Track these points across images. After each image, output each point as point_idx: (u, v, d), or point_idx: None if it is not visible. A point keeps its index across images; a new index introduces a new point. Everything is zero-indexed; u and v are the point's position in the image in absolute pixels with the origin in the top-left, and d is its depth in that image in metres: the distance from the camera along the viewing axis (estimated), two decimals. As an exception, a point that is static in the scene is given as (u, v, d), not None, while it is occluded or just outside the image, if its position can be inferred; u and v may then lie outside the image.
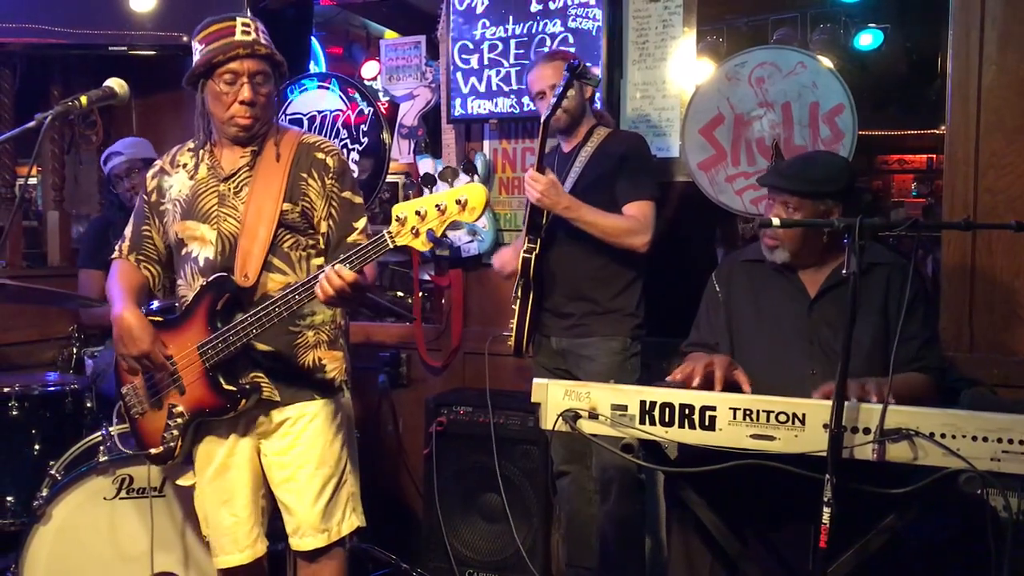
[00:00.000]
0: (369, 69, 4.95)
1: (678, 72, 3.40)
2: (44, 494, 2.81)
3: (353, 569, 2.80)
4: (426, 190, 3.63)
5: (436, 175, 3.72)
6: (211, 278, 2.33)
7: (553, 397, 2.13)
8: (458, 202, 2.04)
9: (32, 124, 2.02)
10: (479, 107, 3.62)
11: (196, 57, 2.35)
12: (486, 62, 3.58)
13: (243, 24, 2.31)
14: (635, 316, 2.98)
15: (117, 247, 2.54)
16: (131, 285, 2.46)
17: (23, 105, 4.35)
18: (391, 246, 2.09)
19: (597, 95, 3.14)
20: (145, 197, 2.51)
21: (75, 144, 4.53)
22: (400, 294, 5.32)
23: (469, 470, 3.41)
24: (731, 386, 2.19)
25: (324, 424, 2.41)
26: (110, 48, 3.99)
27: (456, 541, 3.40)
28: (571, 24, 3.42)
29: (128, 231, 2.54)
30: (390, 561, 3.38)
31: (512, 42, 3.52)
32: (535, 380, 2.19)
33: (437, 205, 2.05)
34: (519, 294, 2.96)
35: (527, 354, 3.04)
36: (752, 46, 3.38)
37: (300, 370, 2.39)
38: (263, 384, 2.35)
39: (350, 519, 2.48)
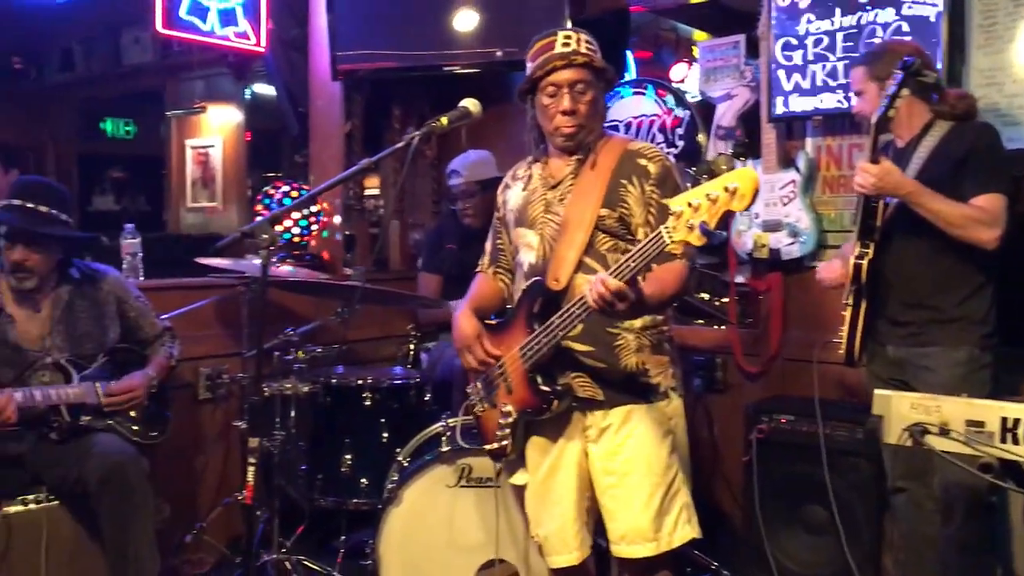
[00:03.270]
0: (678, 71, 4.94)
1: (1031, 54, 3.08)
2: (395, 478, 3.08)
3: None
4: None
5: (710, 164, 3.63)
6: (527, 283, 2.43)
7: (897, 409, 2.00)
8: (727, 189, 1.93)
9: (401, 144, 2.23)
10: (802, 104, 3.49)
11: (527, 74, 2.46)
12: (811, 57, 3.45)
13: (564, 37, 2.38)
14: (984, 324, 2.72)
15: (480, 262, 2.73)
16: (478, 294, 2.64)
17: (367, 125, 4.84)
18: (668, 243, 2.01)
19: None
20: (497, 212, 2.68)
21: (412, 159, 4.93)
22: (706, 296, 5.26)
23: (792, 480, 3.30)
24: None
25: (649, 430, 2.40)
26: (444, 68, 4.31)
27: (778, 552, 3.30)
28: (905, 12, 3.20)
29: (488, 245, 2.72)
30: (710, 567, 3.35)
31: (839, 35, 3.37)
32: (877, 391, 2.07)
33: (708, 195, 1.94)
34: (851, 300, 2.82)
35: (859, 363, 2.89)
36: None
37: (622, 373, 2.39)
38: (583, 384, 2.40)
39: (683, 529, 2.43)
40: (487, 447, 2.56)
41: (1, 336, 2.95)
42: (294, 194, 4.34)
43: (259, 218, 3.74)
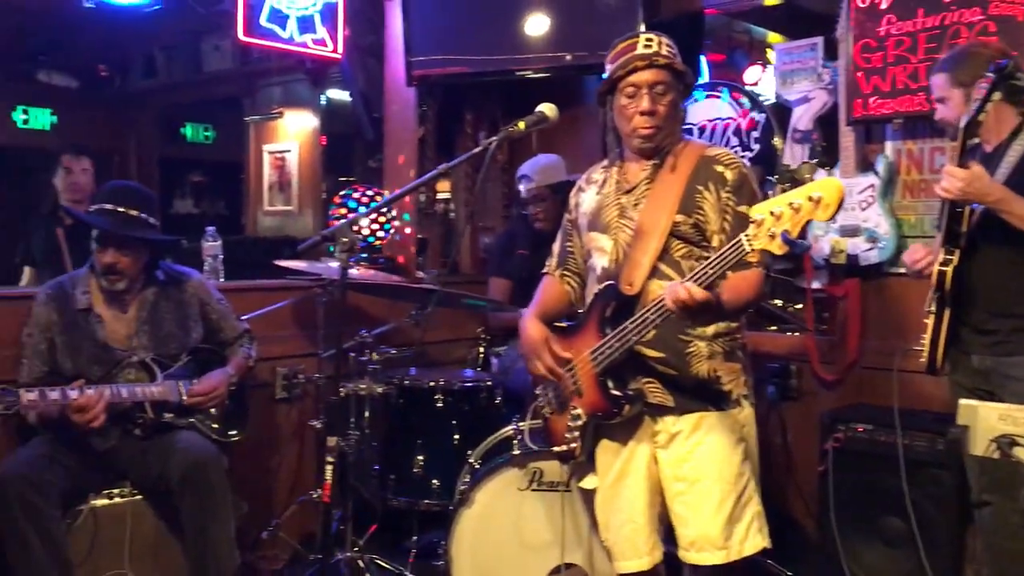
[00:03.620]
0: (752, 74, 4.89)
1: None
2: (467, 480, 3.11)
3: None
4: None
5: (792, 172, 3.58)
6: (601, 287, 2.43)
7: (985, 420, 1.97)
8: (811, 199, 1.91)
9: (478, 150, 2.25)
10: (882, 107, 3.42)
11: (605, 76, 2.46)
12: (891, 59, 3.38)
13: (646, 40, 2.38)
14: (1073, 333, 2.64)
15: (547, 263, 2.74)
16: (545, 298, 2.66)
17: (440, 130, 4.89)
18: (748, 251, 2.01)
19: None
20: (568, 215, 2.68)
21: (484, 163, 4.97)
22: (779, 303, 5.18)
23: (869, 490, 3.22)
24: None
25: (721, 437, 2.39)
26: (515, 73, 4.34)
27: (853, 563, 3.24)
28: (993, 11, 3.12)
29: (556, 247, 2.72)
30: (783, 576, 3.31)
31: (921, 36, 3.29)
32: (962, 401, 2.03)
33: (791, 203, 1.93)
34: (933, 308, 2.75)
35: (942, 372, 2.82)
36: None
37: (693, 380, 2.38)
38: (653, 389, 2.39)
39: (754, 539, 2.42)
40: (555, 449, 2.58)
41: (90, 335, 3.06)
42: (376, 198, 4.40)
43: (336, 222, 3.81)
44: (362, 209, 4.13)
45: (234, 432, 3.27)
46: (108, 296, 3.13)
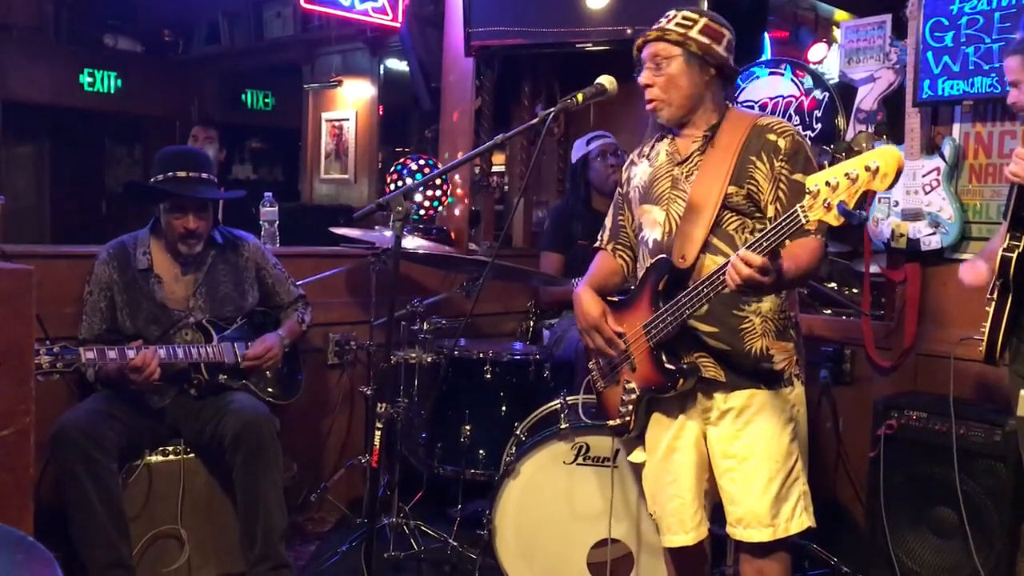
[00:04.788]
0: (817, 52, 4.77)
1: None
2: (513, 452, 3.13)
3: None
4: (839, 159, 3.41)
5: (849, 142, 3.50)
6: (654, 260, 2.42)
7: (1045, 412, 1.90)
8: (868, 168, 1.87)
9: (535, 121, 2.24)
10: (951, 88, 3.32)
11: None
12: (963, 39, 3.27)
13: (668, 15, 2.39)
14: None
15: (600, 236, 2.73)
16: (598, 270, 2.64)
17: (497, 101, 4.87)
18: (803, 222, 1.98)
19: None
20: (620, 189, 2.67)
21: (540, 135, 4.95)
22: (833, 286, 5.09)
23: (920, 479, 3.17)
24: None
25: (771, 416, 2.38)
26: (574, 45, 4.30)
27: (902, 552, 3.19)
28: (1072, -10, 3.00)
29: (608, 221, 2.71)
30: (829, 562, 3.27)
31: (996, 15, 3.18)
32: (1022, 392, 1.97)
33: (847, 173, 1.89)
34: (995, 295, 2.68)
35: (1001, 361, 2.75)
36: None
37: (746, 357, 2.36)
38: (706, 364, 2.37)
39: (800, 518, 2.41)
40: (609, 423, 2.59)
41: (149, 295, 3.13)
42: (427, 169, 4.42)
43: (392, 190, 3.83)
44: (418, 177, 4.14)
45: (287, 394, 3.33)
46: (169, 257, 3.19)
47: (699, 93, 2.39)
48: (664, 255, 2.39)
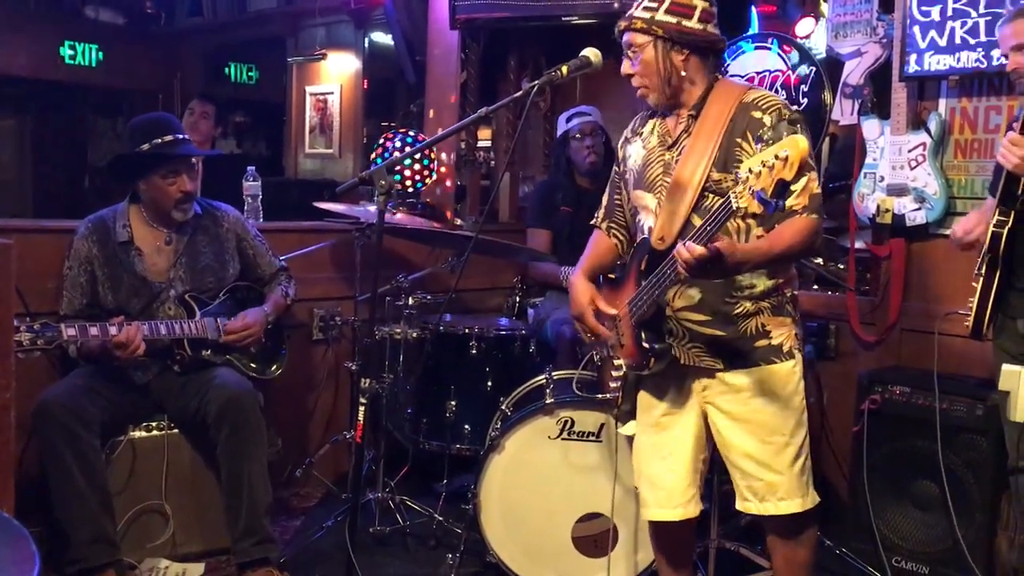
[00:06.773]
0: (804, 26, 4.74)
1: None
2: (498, 427, 3.13)
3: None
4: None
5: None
6: (638, 241, 2.43)
7: (1027, 387, 1.91)
8: (778, 157, 1.86)
9: (519, 94, 2.21)
10: (937, 63, 3.32)
11: None
12: (950, 13, 3.26)
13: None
14: None
15: (596, 214, 2.71)
16: (594, 252, 2.64)
17: (483, 75, 4.83)
18: (733, 208, 1.97)
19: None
20: (616, 168, 2.64)
21: (524, 108, 4.93)
22: (819, 261, 5.10)
23: (903, 454, 3.20)
24: None
25: (774, 391, 2.37)
26: (561, 18, 4.26)
27: (884, 526, 3.23)
28: (1060, -36, 2.99)
29: (604, 199, 2.69)
30: (812, 536, 3.29)
31: (984, -11, 3.17)
32: (1005, 366, 2.00)
33: (763, 162, 1.89)
34: (983, 271, 2.68)
35: (986, 336, 2.76)
36: None
37: (742, 339, 2.36)
38: (701, 355, 2.37)
39: (812, 494, 2.44)
40: (599, 396, 2.65)
41: (130, 268, 3.10)
42: (408, 148, 4.38)
43: (375, 164, 3.80)
44: (403, 151, 4.11)
45: (271, 369, 3.31)
46: (150, 229, 3.16)
47: (677, 74, 2.35)
48: (646, 236, 2.40)
